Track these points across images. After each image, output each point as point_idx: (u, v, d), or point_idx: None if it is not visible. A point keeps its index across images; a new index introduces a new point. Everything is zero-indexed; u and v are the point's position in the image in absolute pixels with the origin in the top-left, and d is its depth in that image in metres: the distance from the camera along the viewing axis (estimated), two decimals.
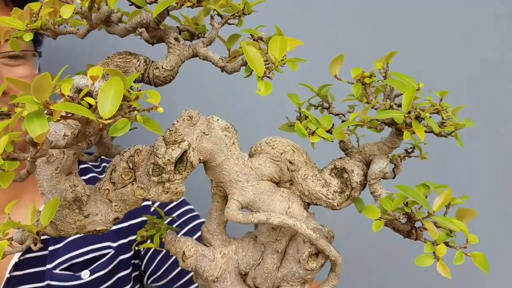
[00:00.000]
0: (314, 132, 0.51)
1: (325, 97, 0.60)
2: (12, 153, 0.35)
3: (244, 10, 0.51)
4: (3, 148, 0.33)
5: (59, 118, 0.37)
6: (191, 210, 0.97)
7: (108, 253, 0.87)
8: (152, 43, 0.56)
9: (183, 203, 0.98)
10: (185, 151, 0.51)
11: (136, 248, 0.88)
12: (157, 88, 0.54)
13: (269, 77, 0.48)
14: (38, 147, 0.36)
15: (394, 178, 0.59)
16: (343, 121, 0.60)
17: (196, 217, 0.96)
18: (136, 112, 0.40)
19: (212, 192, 0.59)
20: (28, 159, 0.36)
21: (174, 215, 0.95)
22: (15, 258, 0.82)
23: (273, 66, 0.47)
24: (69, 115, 0.39)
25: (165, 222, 0.66)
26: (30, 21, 0.47)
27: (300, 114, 0.59)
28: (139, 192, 0.50)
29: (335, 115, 0.62)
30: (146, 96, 0.42)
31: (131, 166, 0.51)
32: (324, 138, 0.50)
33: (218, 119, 0.56)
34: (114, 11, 0.50)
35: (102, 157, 0.62)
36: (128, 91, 0.43)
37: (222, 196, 0.59)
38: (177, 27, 0.54)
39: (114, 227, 0.53)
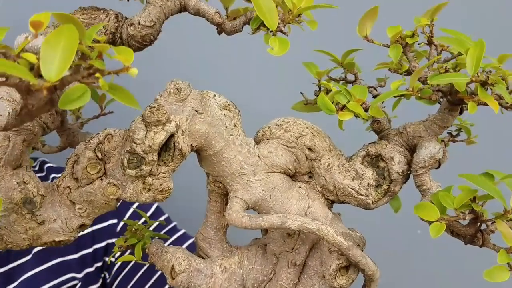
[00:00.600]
0: (344, 106, 0.40)
1: (350, 67, 0.50)
2: None
3: None
4: None
5: None
6: (167, 221, 0.84)
7: (74, 287, 0.75)
8: None
9: (157, 211, 0.85)
10: (171, 135, 0.41)
11: (112, 259, 0.76)
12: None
13: (284, 33, 0.37)
14: None
15: (438, 168, 0.49)
16: (374, 97, 0.49)
17: (175, 229, 0.82)
18: (98, 75, 0.30)
19: (209, 189, 0.48)
20: None
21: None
22: None
23: (290, 17, 0.36)
24: (2, 80, 0.28)
25: (151, 228, 0.55)
26: None
27: (320, 89, 0.49)
28: (111, 190, 0.40)
29: None
30: (113, 53, 0.31)
31: (99, 157, 0.41)
32: (357, 115, 0.40)
33: (215, 95, 0.46)
34: None
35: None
36: (90, 48, 0.32)
37: (222, 194, 0.48)
38: None
39: (77, 255, 0.42)
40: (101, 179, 0.40)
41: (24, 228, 0.39)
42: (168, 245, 0.48)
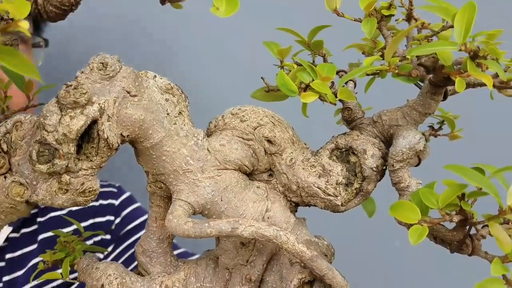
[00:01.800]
0: (307, 86, 0.33)
1: (318, 47, 0.43)
2: None
3: None
4: None
5: None
6: (142, 211, 0.77)
7: None
8: None
9: (129, 199, 0.77)
10: (94, 122, 0.33)
11: (33, 282, 0.67)
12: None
13: None
14: None
15: (418, 165, 0.43)
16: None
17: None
18: None
19: (150, 192, 0.41)
20: None
21: (118, 219, 0.75)
22: None
23: None
24: None
25: (83, 239, 0.47)
26: None
27: (282, 69, 0.42)
28: (17, 190, 0.32)
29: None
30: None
31: (5, 149, 0.33)
32: (323, 98, 0.33)
33: (155, 76, 0.39)
34: None
35: None
36: None
37: (165, 197, 0.41)
38: None
39: None
40: (4, 177, 0.32)
41: None
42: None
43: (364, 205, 0.44)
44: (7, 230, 0.70)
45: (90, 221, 0.73)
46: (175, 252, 0.75)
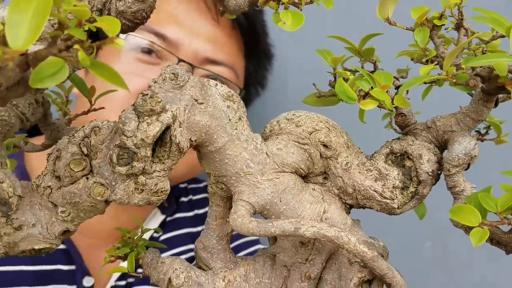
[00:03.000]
0: (367, 94, 0.35)
1: (369, 55, 0.45)
2: None
3: None
4: None
5: None
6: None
7: None
8: None
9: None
10: (167, 128, 0.36)
11: (116, 281, 0.73)
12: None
13: (296, 6, 0.33)
14: None
15: (467, 169, 0.44)
16: (397, 87, 0.45)
17: None
18: (77, 47, 0.25)
19: (210, 192, 0.44)
20: None
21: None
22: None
23: None
24: None
25: (147, 236, 0.50)
26: None
27: (336, 78, 0.44)
28: (98, 190, 0.35)
29: None
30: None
31: (85, 152, 0.36)
32: (381, 105, 0.35)
33: (216, 84, 0.41)
34: None
35: None
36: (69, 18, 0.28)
37: (225, 197, 0.44)
38: None
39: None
40: (87, 178, 0.35)
41: None
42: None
43: (415, 208, 0.45)
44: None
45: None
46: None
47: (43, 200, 0.36)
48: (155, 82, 0.37)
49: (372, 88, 0.35)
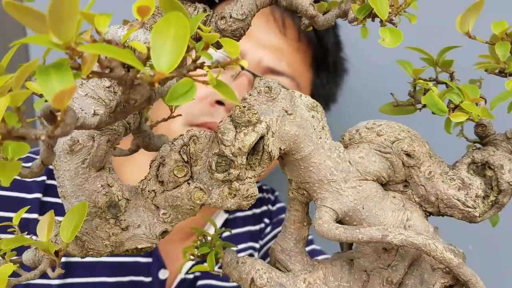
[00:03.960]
0: (456, 106, 0.36)
1: (447, 66, 0.46)
2: (16, 128, 0.23)
3: None
4: (1, 114, 0.21)
5: (90, 75, 0.25)
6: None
7: None
8: None
9: (275, 200, 0.87)
10: (261, 137, 0.38)
11: (185, 274, 0.77)
12: None
13: (393, 23, 0.34)
14: (58, 120, 0.23)
15: None
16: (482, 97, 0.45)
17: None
18: (206, 68, 0.28)
19: (290, 197, 0.46)
20: (43, 137, 0.24)
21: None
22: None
23: (403, 5, 0.33)
24: (106, 71, 0.26)
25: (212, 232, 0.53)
26: None
27: (415, 89, 0.45)
28: (198, 194, 0.38)
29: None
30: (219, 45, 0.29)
31: (185, 159, 0.39)
32: (470, 117, 0.36)
33: (301, 95, 0.43)
34: None
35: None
36: (194, 38, 0.30)
37: (304, 202, 0.46)
38: None
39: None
40: (188, 183, 0.38)
41: (107, 234, 0.37)
42: None
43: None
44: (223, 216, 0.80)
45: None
46: (279, 205, 0.86)
47: (147, 202, 0.39)
48: (250, 94, 0.39)
49: (462, 101, 0.36)
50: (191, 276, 0.78)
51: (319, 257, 0.78)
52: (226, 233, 0.83)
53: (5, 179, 0.25)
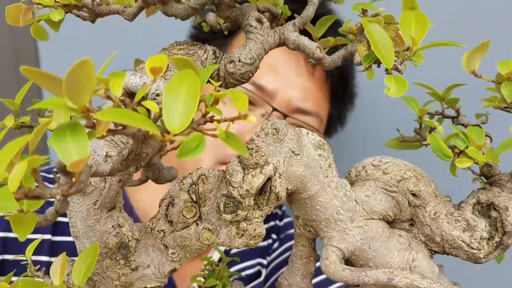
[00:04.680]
0: (461, 152, 0.37)
1: (453, 103, 0.47)
2: (33, 189, 0.24)
3: None
4: (18, 182, 0.22)
5: (104, 134, 0.25)
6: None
7: None
8: (221, 29, 0.44)
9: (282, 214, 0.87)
10: (269, 178, 0.39)
11: None
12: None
13: (398, 71, 0.35)
14: (74, 179, 0.24)
15: None
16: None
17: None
18: (216, 123, 0.29)
19: (297, 233, 0.47)
20: (58, 196, 0.25)
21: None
22: None
23: (409, 53, 0.34)
24: (119, 128, 0.27)
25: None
26: None
27: (421, 126, 0.46)
28: (206, 235, 0.38)
29: (466, 127, 0.48)
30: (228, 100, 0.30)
31: (194, 199, 0.39)
32: (477, 163, 0.37)
33: (308, 133, 0.44)
34: None
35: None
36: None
37: (311, 238, 0.46)
38: (256, 6, 0.42)
39: None
40: (197, 224, 0.39)
41: (117, 274, 0.38)
42: None
43: None
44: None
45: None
46: (286, 220, 0.84)
47: (156, 242, 0.39)
48: (258, 136, 0.40)
49: (467, 146, 0.37)
50: None
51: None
52: (236, 249, 0.83)
53: (21, 234, 0.26)
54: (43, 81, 0.24)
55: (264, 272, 0.87)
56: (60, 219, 0.73)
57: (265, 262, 0.87)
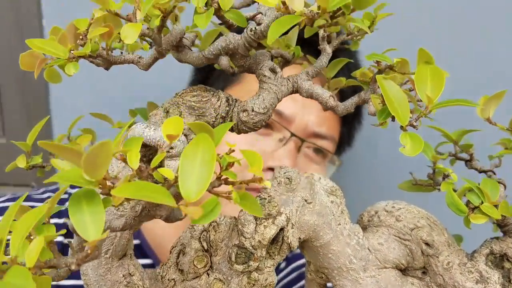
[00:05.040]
0: (475, 207, 0.37)
1: (466, 148, 0.47)
2: (48, 260, 0.24)
3: (371, 28, 0.39)
4: (35, 259, 0.22)
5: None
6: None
7: None
8: (233, 73, 0.44)
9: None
10: (281, 229, 0.39)
11: None
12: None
13: (414, 126, 0.35)
14: (88, 252, 0.24)
15: None
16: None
17: None
18: (231, 187, 0.28)
19: (308, 278, 0.46)
20: (73, 266, 0.25)
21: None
22: None
23: (425, 111, 0.34)
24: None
25: None
26: (75, 44, 0.36)
27: (434, 171, 0.45)
28: (217, 286, 0.38)
29: (479, 172, 0.48)
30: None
31: (205, 247, 0.39)
32: (492, 219, 0.36)
33: (320, 178, 0.44)
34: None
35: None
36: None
37: (322, 284, 0.46)
38: (269, 52, 0.42)
39: None
40: (208, 274, 0.39)
41: None
42: None
43: None
44: None
45: None
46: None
47: None
48: (271, 185, 0.40)
49: (481, 202, 0.36)
50: None
51: None
52: None
53: None
54: (62, 153, 0.24)
55: None
56: None
57: None
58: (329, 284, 0.46)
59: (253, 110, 0.39)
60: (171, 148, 0.35)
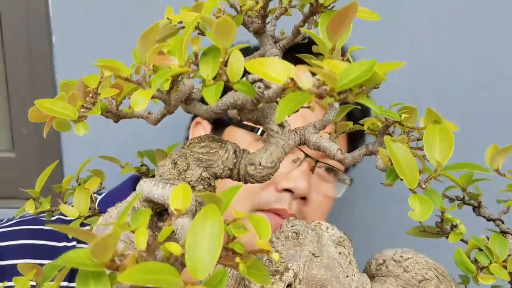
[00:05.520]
0: (484, 267, 0.36)
1: (474, 196, 0.46)
2: None
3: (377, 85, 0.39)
4: None
5: None
6: None
7: None
8: (241, 121, 0.45)
9: None
10: (289, 285, 0.39)
11: None
12: None
13: (423, 188, 0.34)
14: None
15: None
16: (503, 232, 0.45)
17: None
18: (238, 260, 0.28)
19: None
20: None
21: None
22: None
23: (433, 174, 0.33)
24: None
25: None
26: (84, 101, 0.36)
27: (442, 220, 0.45)
28: None
29: (488, 220, 0.47)
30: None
31: None
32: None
33: (327, 227, 0.43)
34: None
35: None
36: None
37: None
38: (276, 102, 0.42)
39: None
40: None
41: None
42: None
43: None
44: None
45: None
46: None
47: None
48: (278, 238, 0.40)
49: (490, 262, 0.36)
50: None
51: None
52: None
53: None
54: (76, 234, 0.25)
55: None
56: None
57: None
58: None
59: (260, 164, 0.39)
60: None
